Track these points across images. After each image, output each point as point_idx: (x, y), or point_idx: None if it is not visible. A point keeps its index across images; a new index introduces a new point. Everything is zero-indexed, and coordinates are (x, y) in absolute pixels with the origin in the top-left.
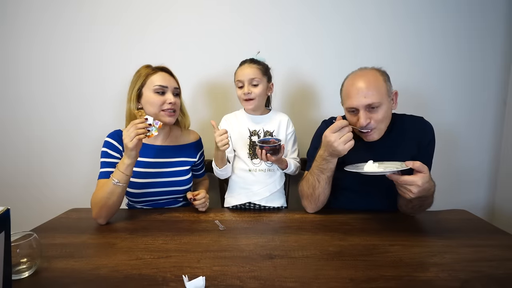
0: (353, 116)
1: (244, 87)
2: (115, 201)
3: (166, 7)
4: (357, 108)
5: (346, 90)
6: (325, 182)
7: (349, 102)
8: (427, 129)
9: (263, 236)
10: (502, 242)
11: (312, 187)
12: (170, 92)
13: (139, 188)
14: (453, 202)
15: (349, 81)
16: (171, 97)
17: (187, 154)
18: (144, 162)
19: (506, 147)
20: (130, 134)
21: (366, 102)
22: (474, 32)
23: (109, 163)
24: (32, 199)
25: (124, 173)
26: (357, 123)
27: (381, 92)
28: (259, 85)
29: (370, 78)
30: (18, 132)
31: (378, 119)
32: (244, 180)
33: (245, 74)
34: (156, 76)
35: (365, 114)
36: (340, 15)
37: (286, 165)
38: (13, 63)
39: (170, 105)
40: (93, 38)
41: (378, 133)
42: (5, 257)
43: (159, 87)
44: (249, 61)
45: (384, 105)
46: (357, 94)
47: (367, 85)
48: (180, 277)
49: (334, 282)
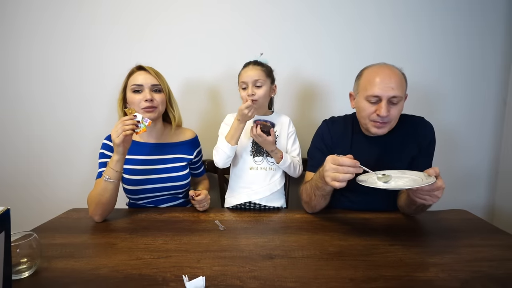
0: (372, 105)
1: (248, 88)
2: (108, 198)
3: (166, 6)
4: (380, 98)
5: (370, 78)
6: (320, 198)
7: (374, 90)
8: (427, 129)
9: (263, 236)
10: (502, 242)
11: (309, 197)
12: (146, 89)
13: (135, 184)
14: (453, 202)
15: (374, 70)
16: (147, 94)
17: (183, 151)
18: (139, 159)
19: (506, 147)
20: (118, 130)
21: (392, 93)
22: (474, 30)
23: (105, 163)
24: (32, 199)
25: (114, 169)
26: (372, 113)
27: (403, 90)
28: (263, 86)
29: (396, 74)
30: (18, 132)
31: (394, 114)
32: (245, 178)
33: (249, 75)
34: (133, 76)
35: (387, 105)
36: (340, 15)
37: (281, 156)
38: (13, 62)
39: (147, 102)
40: (93, 37)
41: (388, 127)
42: (5, 257)
43: (135, 86)
44: (253, 63)
45: (401, 103)
46: (384, 84)
47: (395, 79)
48: (180, 277)
49: (334, 282)
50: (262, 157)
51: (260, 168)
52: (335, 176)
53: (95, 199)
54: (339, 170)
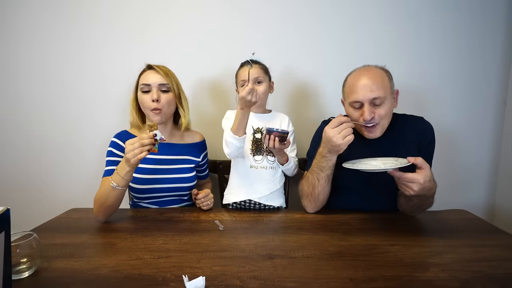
0: (357, 111)
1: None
2: (113, 202)
3: (166, 6)
4: (362, 103)
5: (351, 84)
6: (324, 181)
7: (354, 96)
8: (427, 129)
9: (263, 236)
10: (502, 242)
11: (312, 185)
12: (154, 89)
13: (143, 183)
14: (453, 202)
15: (354, 76)
16: (154, 94)
17: (192, 153)
18: (149, 159)
19: (506, 147)
20: (135, 151)
21: (372, 96)
22: (474, 31)
23: (114, 161)
24: (32, 199)
25: (124, 178)
26: (360, 118)
27: (386, 89)
28: (263, 83)
29: (375, 74)
30: (18, 132)
31: (381, 114)
32: (245, 177)
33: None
34: (143, 76)
35: (369, 108)
36: (340, 14)
37: (286, 159)
38: (12, 62)
39: (154, 103)
40: (93, 37)
41: (380, 129)
42: (5, 257)
43: (143, 85)
44: (251, 62)
45: (387, 102)
46: (363, 88)
47: (373, 80)
48: (180, 277)
49: (334, 282)
50: (262, 156)
51: (260, 167)
52: (344, 133)
53: (99, 200)
54: (342, 127)
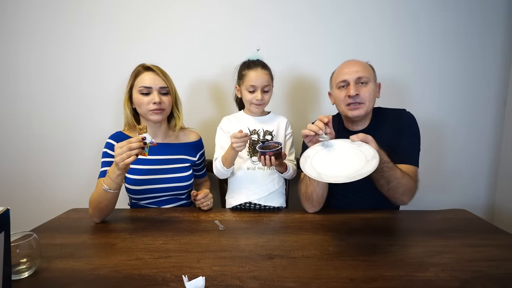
0: (343, 90)
1: (256, 92)
2: (107, 205)
3: (165, 6)
4: (348, 82)
5: (338, 71)
6: (314, 180)
7: (341, 77)
8: (407, 118)
9: (263, 236)
10: (502, 242)
11: (306, 184)
12: (155, 92)
13: (139, 184)
14: (453, 202)
15: (340, 65)
16: (156, 97)
17: (187, 152)
18: (143, 159)
19: (506, 147)
20: (123, 155)
21: (357, 75)
22: (474, 31)
23: (108, 163)
24: (32, 199)
25: (115, 181)
26: (345, 97)
27: (370, 73)
28: (269, 91)
29: (360, 62)
30: (18, 132)
31: (365, 94)
32: (243, 179)
33: (259, 80)
34: (141, 77)
35: (355, 86)
36: (340, 14)
37: (285, 168)
38: (12, 62)
39: (155, 105)
40: (92, 37)
41: (364, 109)
42: (5, 257)
43: (143, 88)
44: (261, 67)
45: (371, 84)
46: (349, 69)
47: (358, 64)
48: (180, 277)
49: (334, 282)
50: None
51: (257, 168)
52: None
53: (93, 202)
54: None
